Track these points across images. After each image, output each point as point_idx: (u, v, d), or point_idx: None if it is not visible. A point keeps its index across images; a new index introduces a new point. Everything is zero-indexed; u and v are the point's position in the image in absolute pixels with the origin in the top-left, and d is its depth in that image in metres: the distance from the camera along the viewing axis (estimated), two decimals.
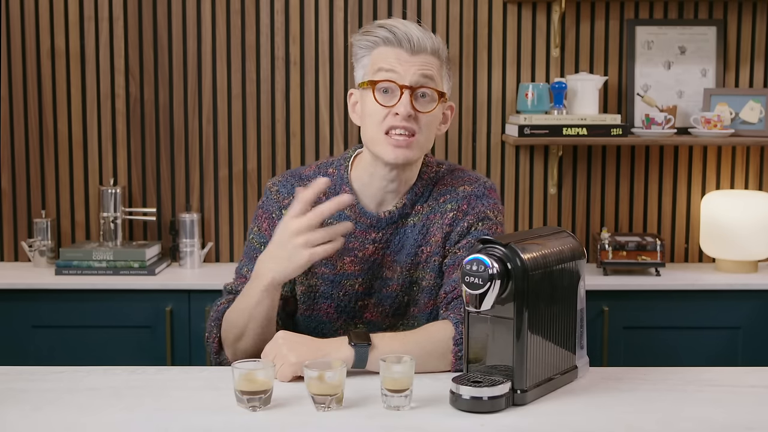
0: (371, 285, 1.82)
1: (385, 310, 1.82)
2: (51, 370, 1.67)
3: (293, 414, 1.46)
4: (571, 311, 1.61)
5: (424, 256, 1.81)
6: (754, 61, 3.23)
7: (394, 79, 1.73)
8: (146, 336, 2.93)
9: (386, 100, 1.73)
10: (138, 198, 3.25)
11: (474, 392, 1.45)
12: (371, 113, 1.75)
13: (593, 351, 2.85)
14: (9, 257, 3.26)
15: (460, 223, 1.81)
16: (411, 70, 1.73)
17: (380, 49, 1.75)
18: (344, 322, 1.84)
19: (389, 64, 1.73)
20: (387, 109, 1.73)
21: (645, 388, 1.59)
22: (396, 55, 1.73)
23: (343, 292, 1.82)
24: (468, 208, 1.82)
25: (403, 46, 1.73)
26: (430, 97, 1.75)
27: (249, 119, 3.22)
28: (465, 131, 3.24)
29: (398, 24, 1.75)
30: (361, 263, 1.81)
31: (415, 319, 1.83)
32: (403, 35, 1.73)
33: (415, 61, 1.73)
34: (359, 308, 1.83)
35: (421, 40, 1.73)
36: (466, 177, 1.87)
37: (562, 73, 3.22)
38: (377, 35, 1.75)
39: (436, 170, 1.86)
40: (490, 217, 1.82)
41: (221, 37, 3.19)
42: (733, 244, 3.06)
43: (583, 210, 3.28)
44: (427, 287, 1.82)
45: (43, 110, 3.21)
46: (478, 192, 1.84)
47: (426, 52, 1.74)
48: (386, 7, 3.19)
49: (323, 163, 1.88)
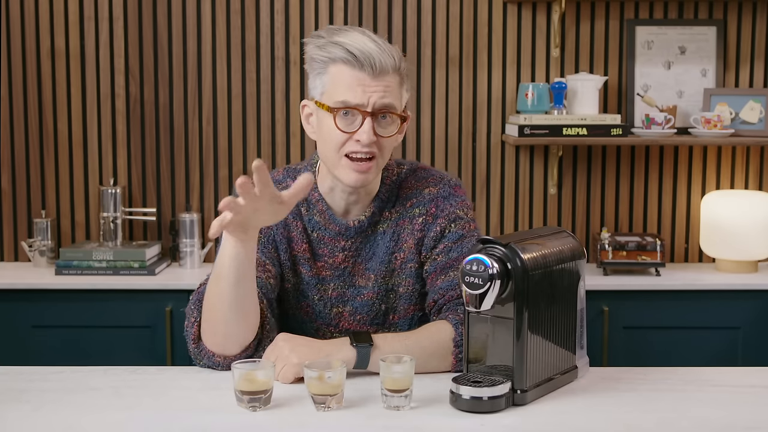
0: (344, 293, 1.81)
1: (362, 318, 1.82)
2: (51, 370, 1.67)
3: (293, 414, 1.46)
4: (571, 311, 1.61)
5: (398, 263, 1.81)
6: (754, 61, 3.23)
7: (356, 105, 1.66)
8: (146, 336, 2.93)
9: (347, 125, 1.68)
10: (138, 198, 3.25)
11: (474, 392, 1.45)
12: (330, 138, 1.70)
13: (593, 351, 2.85)
14: (9, 257, 3.26)
15: (431, 227, 1.80)
16: (374, 95, 1.66)
17: (339, 68, 1.67)
18: (321, 325, 1.82)
19: (350, 87, 1.66)
20: (346, 135, 1.69)
21: (645, 388, 1.59)
22: (357, 79, 1.66)
23: (319, 296, 1.81)
24: (437, 210, 1.81)
25: (365, 69, 1.66)
26: (391, 119, 1.70)
27: (249, 119, 3.22)
28: (465, 131, 3.24)
29: (356, 43, 1.66)
30: (331, 269, 1.80)
31: (395, 327, 1.83)
32: (365, 58, 1.65)
33: (378, 85, 1.66)
34: (335, 316, 1.82)
35: (382, 62, 1.66)
36: (429, 177, 1.85)
37: (562, 73, 3.22)
38: (335, 53, 1.67)
39: (398, 172, 1.84)
40: (461, 216, 1.81)
41: (221, 37, 3.19)
42: (733, 244, 3.06)
43: (583, 210, 3.28)
44: (404, 294, 1.81)
45: (43, 110, 3.21)
46: (444, 192, 1.82)
47: (387, 73, 1.67)
48: (386, 7, 3.19)
49: (291, 168, 1.87)
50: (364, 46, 1.66)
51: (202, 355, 1.67)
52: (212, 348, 1.65)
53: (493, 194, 3.25)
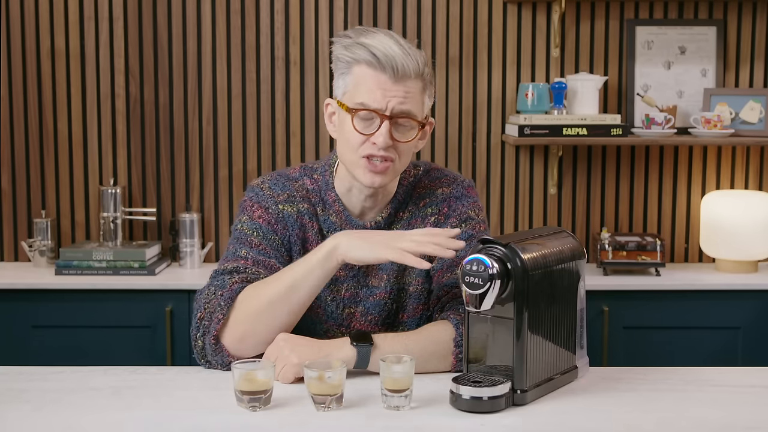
0: (356, 293, 1.81)
1: (374, 319, 1.81)
2: (51, 370, 1.67)
3: (293, 414, 1.46)
4: (571, 311, 1.61)
5: None
6: (754, 61, 3.23)
7: (375, 108, 1.67)
8: (146, 336, 2.93)
9: (365, 128, 1.69)
10: (138, 198, 3.25)
11: (474, 392, 1.45)
12: (349, 138, 1.71)
13: (593, 351, 2.85)
14: (9, 257, 3.26)
15: (443, 226, 1.80)
16: (393, 100, 1.66)
17: (362, 69, 1.68)
18: (331, 326, 1.82)
19: (370, 90, 1.67)
20: (364, 137, 1.69)
21: (645, 388, 1.59)
22: (378, 82, 1.66)
23: (332, 296, 1.81)
24: (449, 210, 1.82)
25: (387, 72, 1.66)
26: (409, 125, 1.71)
27: (249, 119, 3.22)
28: (465, 131, 3.24)
29: (381, 45, 1.66)
30: (345, 270, 1.80)
31: (405, 325, 1.83)
32: (387, 61, 1.65)
33: (398, 89, 1.66)
34: (346, 316, 1.81)
35: (405, 66, 1.66)
36: (443, 178, 1.86)
37: (562, 73, 3.22)
38: (359, 55, 1.67)
39: (414, 173, 1.85)
40: (472, 216, 1.82)
41: (221, 37, 3.19)
42: (733, 244, 3.06)
43: (583, 210, 3.28)
44: (414, 293, 1.82)
45: (43, 110, 3.21)
46: (456, 193, 1.84)
47: (410, 78, 1.67)
48: (386, 7, 3.19)
49: (308, 167, 1.87)
50: (389, 49, 1.66)
51: (216, 351, 1.65)
52: (232, 348, 1.65)
53: (493, 194, 3.25)
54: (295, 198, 1.80)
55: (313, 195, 1.81)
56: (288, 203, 1.79)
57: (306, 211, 1.79)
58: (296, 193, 1.81)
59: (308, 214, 1.80)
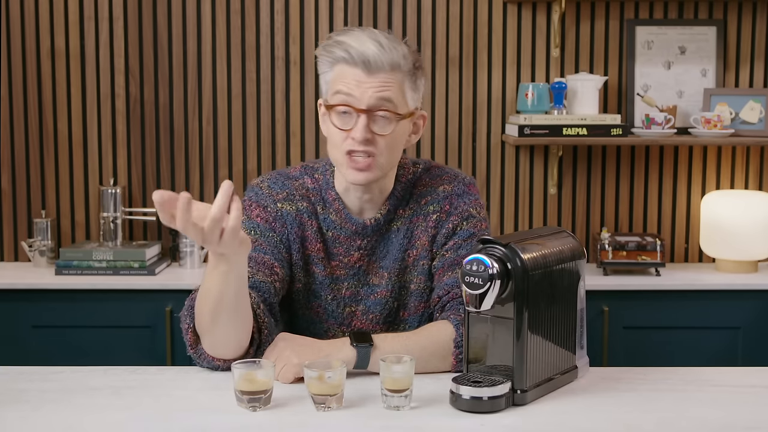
0: (357, 292, 1.81)
1: (375, 317, 1.81)
2: (51, 370, 1.67)
3: (293, 414, 1.46)
4: (571, 311, 1.61)
5: (411, 260, 1.81)
6: (754, 61, 3.23)
7: (350, 103, 1.67)
8: (146, 336, 2.93)
9: (343, 123, 1.70)
10: (138, 198, 3.25)
11: (474, 392, 1.45)
12: (331, 135, 1.73)
13: (593, 351, 2.85)
14: (9, 257, 3.26)
15: (444, 224, 1.80)
16: (368, 92, 1.67)
17: (340, 67, 1.69)
18: (332, 325, 1.82)
19: (346, 86, 1.68)
20: (345, 133, 1.69)
21: (645, 388, 1.59)
22: (353, 76, 1.67)
23: (332, 295, 1.81)
24: (451, 208, 1.82)
25: (359, 66, 1.67)
26: (388, 118, 1.70)
27: (249, 119, 3.22)
28: (465, 131, 3.24)
29: (354, 41, 1.67)
30: (345, 269, 1.80)
31: (406, 324, 1.83)
32: (359, 55, 1.66)
33: (372, 82, 1.67)
34: (347, 315, 1.81)
35: (377, 59, 1.66)
36: (444, 175, 1.86)
37: (562, 73, 3.22)
38: (335, 53, 1.69)
39: (413, 171, 1.85)
40: (473, 214, 1.82)
41: (221, 37, 3.19)
42: (733, 244, 3.06)
43: (583, 210, 3.28)
44: (416, 291, 1.82)
45: (43, 110, 3.21)
46: (458, 190, 1.83)
47: (384, 71, 1.67)
48: (386, 7, 3.19)
49: (309, 166, 1.87)
50: (362, 45, 1.67)
51: (201, 358, 1.66)
52: (211, 353, 1.64)
53: (493, 194, 3.25)
54: (294, 197, 1.80)
55: (313, 194, 1.82)
56: (287, 202, 1.79)
57: (305, 210, 1.80)
58: (295, 192, 1.81)
59: (307, 212, 1.80)
